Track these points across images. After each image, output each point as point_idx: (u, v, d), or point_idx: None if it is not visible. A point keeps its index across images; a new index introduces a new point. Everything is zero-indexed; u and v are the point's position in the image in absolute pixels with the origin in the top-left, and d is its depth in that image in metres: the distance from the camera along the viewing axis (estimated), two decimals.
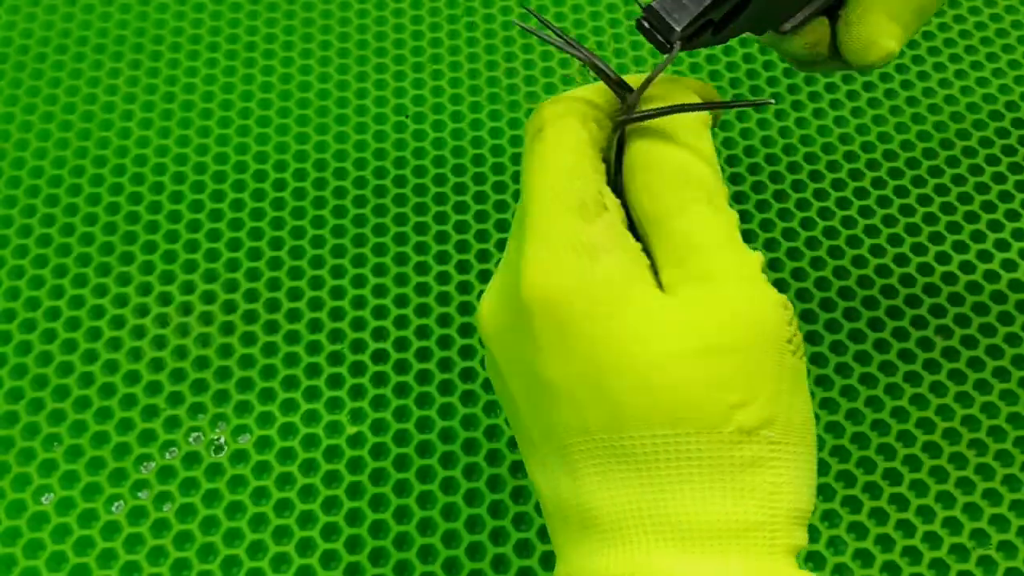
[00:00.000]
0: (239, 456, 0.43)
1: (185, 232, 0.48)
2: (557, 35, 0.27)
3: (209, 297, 0.46)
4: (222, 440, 0.43)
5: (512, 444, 0.43)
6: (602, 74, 0.27)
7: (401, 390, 0.44)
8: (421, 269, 0.47)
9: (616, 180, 0.26)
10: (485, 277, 0.47)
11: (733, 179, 0.50)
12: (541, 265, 0.24)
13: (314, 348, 0.45)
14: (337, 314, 0.46)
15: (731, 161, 0.51)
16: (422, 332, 0.46)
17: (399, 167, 0.51)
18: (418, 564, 0.41)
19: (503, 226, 0.49)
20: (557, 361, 0.24)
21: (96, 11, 0.55)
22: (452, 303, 0.47)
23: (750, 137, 0.52)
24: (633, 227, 0.26)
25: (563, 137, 0.25)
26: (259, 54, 0.54)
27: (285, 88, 0.53)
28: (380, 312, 0.46)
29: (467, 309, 0.46)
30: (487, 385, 0.45)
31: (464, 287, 0.47)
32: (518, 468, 0.43)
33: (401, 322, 0.46)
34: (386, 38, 0.55)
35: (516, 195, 0.50)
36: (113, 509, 0.41)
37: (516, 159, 0.51)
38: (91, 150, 0.51)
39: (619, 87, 0.27)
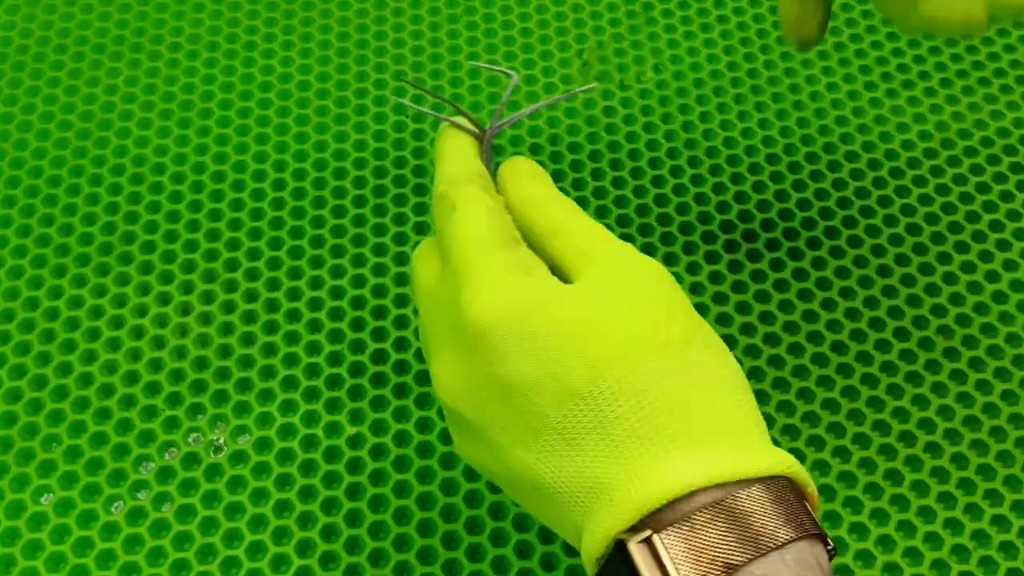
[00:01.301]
0: (238, 457, 0.43)
1: (184, 232, 0.48)
2: (431, 94, 0.33)
3: (208, 297, 0.46)
4: (221, 441, 0.43)
5: None
6: (466, 117, 0.34)
7: (401, 391, 0.44)
8: None
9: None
10: None
11: (734, 179, 0.50)
12: (489, 291, 0.28)
13: (313, 348, 0.45)
14: (336, 314, 0.46)
15: (732, 161, 0.51)
16: None
17: (399, 167, 0.50)
18: (418, 565, 0.40)
19: None
20: (525, 358, 0.27)
21: (95, 11, 0.55)
22: None
23: (751, 137, 0.52)
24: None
25: (475, 203, 0.31)
26: (258, 54, 0.54)
27: (284, 88, 0.53)
28: (379, 312, 0.46)
29: None
30: None
31: None
32: None
33: (401, 322, 0.46)
34: (386, 38, 0.55)
35: None
36: (112, 510, 0.41)
37: None
38: (90, 150, 0.51)
39: (473, 122, 0.34)
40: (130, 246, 0.48)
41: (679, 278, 0.47)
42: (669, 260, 0.48)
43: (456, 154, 0.33)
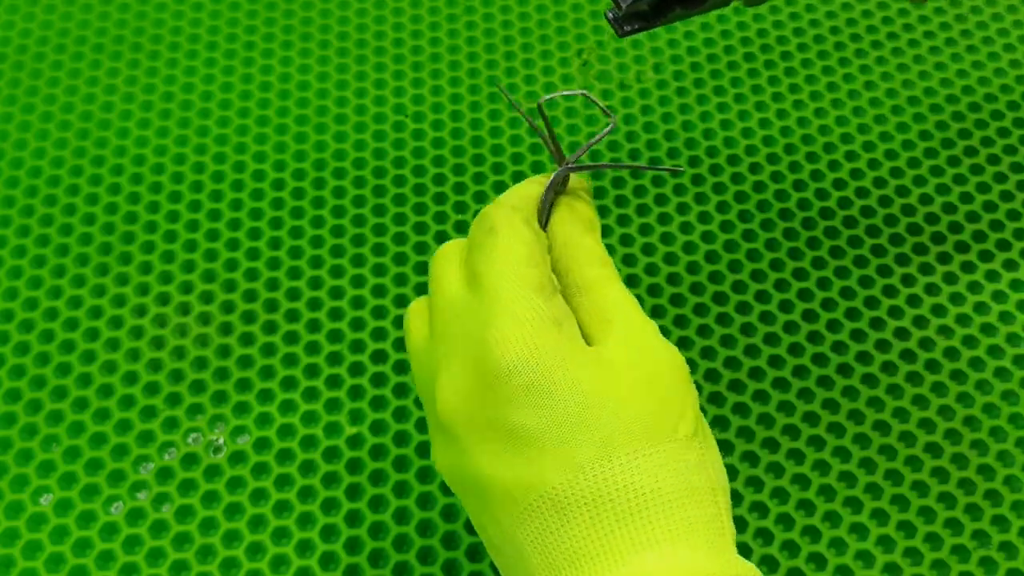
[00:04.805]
0: (238, 457, 0.43)
1: (184, 232, 0.48)
2: (517, 109, 0.33)
3: (207, 297, 0.46)
4: (221, 441, 0.43)
5: None
6: (547, 142, 0.33)
7: (400, 391, 0.44)
8: (420, 269, 0.47)
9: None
10: None
11: (734, 179, 0.50)
12: (518, 337, 0.28)
13: (313, 348, 0.45)
14: (336, 314, 0.46)
15: (732, 160, 0.51)
16: None
17: (398, 167, 0.50)
18: (417, 566, 0.40)
19: None
20: (538, 412, 0.28)
21: (95, 11, 0.55)
22: None
23: (751, 137, 0.52)
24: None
25: (515, 233, 0.30)
26: (258, 54, 0.54)
27: (284, 88, 0.53)
28: (379, 312, 0.46)
29: None
30: None
31: None
32: None
33: (400, 322, 0.46)
34: (386, 38, 0.55)
35: None
36: (112, 510, 0.41)
37: (516, 159, 0.51)
38: (89, 150, 0.50)
39: (559, 152, 0.33)
40: (129, 246, 0.48)
41: (678, 279, 0.47)
42: (669, 260, 0.48)
43: (519, 186, 0.33)
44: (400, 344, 0.45)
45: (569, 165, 0.33)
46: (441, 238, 0.48)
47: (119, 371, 0.44)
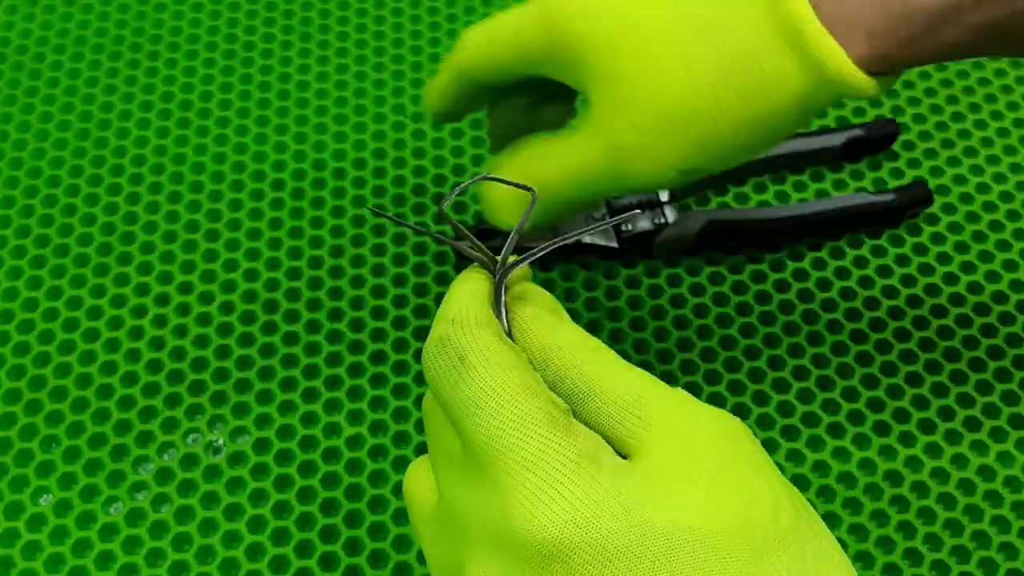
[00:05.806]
0: (237, 458, 0.43)
1: (183, 232, 0.48)
2: (409, 226, 0.28)
3: (207, 298, 0.46)
4: (220, 442, 0.43)
5: None
6: (468, 250, 0.27)
7: (399, 391, 0.44)
8: (420, 270, 0.47)
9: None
10: None
11: (737, 180, 0.50)
12: (552, 500, 0.22)
13: (312, 349, 0.45)
14: (335, 315, 0.46)
15: None
16: (420, 333, 0.46)
17: (398, 167, 0.50)
18: (416, 567, 0.40)
19: None
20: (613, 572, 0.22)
21: (94, 11, 0.55)
22: None
23: None
24: None
25: (493, 361, 0.24)
26: (257, 54, 0.54)
27: (283, 88, 0.53)
28: (378, 313, 0.46)
29: None
30: None
31: None
32: None
33: (400, 323, 0.46)
34: (385, 38, 0.55)
35: None
36: (111, 511, 0.41)
37: None
38: (89, 150, 0.50)
39: (485, 254, 0.27)
40: (129, 247, 0.48)
41: (678, 280, 0.47)
42: (668, 261, 0.48)
43: (461, 291, 0.26)
44: (399, 345, 0.45)
45: (508, 264, 0.26)
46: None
47: (118, 372, 0.44)
